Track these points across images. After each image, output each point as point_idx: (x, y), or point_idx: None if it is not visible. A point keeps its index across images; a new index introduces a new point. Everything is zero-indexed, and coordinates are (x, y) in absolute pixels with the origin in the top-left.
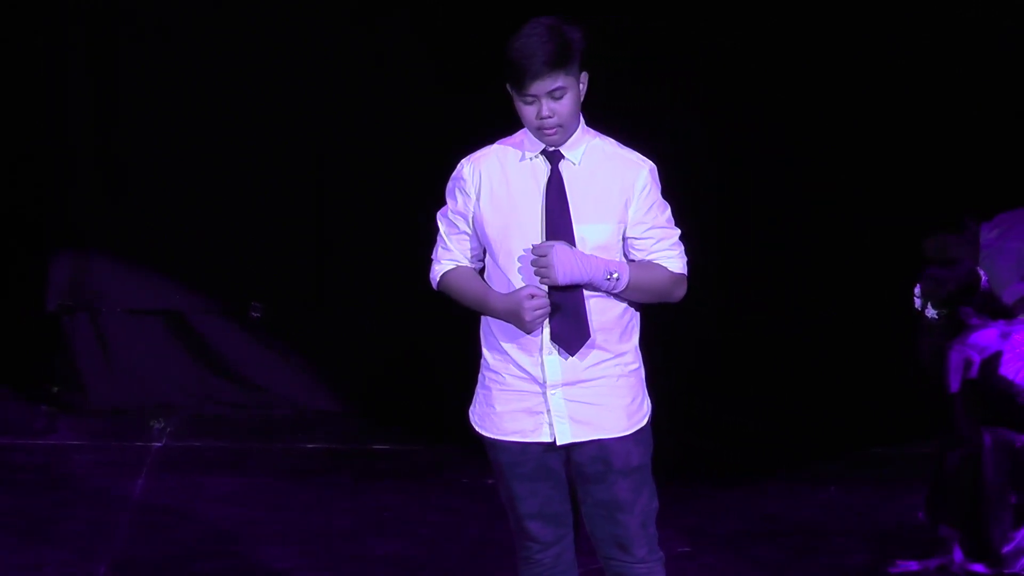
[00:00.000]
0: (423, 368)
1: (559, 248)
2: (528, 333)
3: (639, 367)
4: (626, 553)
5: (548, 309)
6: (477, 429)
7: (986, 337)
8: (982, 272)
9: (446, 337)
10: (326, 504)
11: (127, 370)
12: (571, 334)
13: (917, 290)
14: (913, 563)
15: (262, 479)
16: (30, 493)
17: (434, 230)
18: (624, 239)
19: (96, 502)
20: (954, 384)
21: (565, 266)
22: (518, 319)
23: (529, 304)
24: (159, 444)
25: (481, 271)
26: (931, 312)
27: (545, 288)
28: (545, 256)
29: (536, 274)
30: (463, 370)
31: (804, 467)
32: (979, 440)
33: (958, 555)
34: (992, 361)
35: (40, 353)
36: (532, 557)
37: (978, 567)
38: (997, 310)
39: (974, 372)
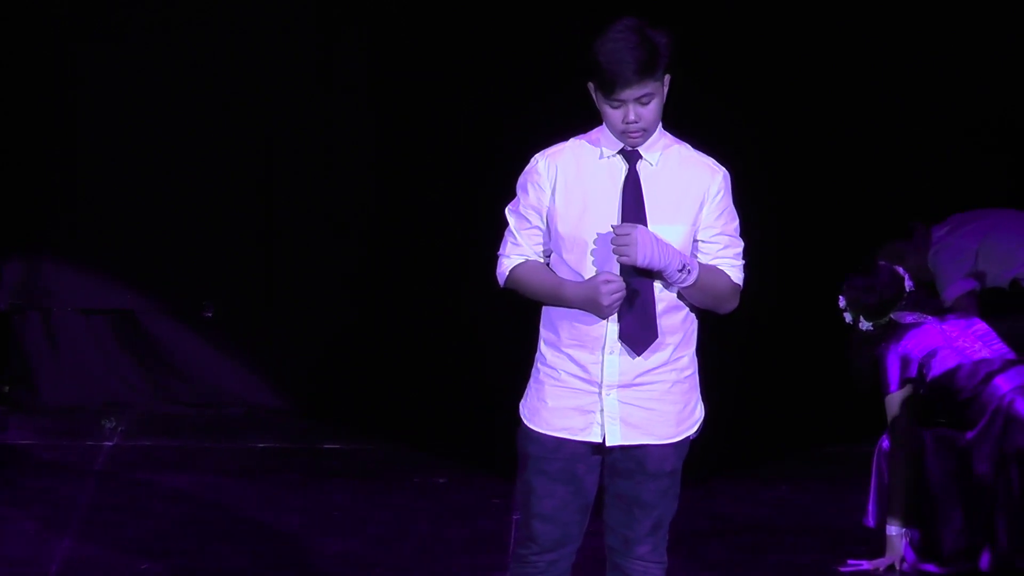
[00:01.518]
0: (374, 367)
1: (643, 229)
2: (604, 318)
3: (694, 372)
4: (629, 548)
5: (624, 293)
6: (525, 422)
7: (923, 335)
8: (903, 271)
9: (397, 336)
10: (276, 503)
11: (78, 369)
12: (640, 334)
13: (842, 302)
14: (864, 562)
15: (213, 478)
16: None
17: (502, 225)
18: (694, 242)
19: (47, 501)
20: (893, 384)
21: (646, 248)
22: (595, 304)
23: (606, 288)
24: (110, 443)
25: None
26: (865, 325)
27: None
28: (628, 235)
29: (615, 252)
30: (416, 370)
31: (755, 466)
32: (920, 440)
33: (909, 555)
34: (930, 359)
35: None
36: (528, 557)
37: (929, 567)
38: (932, 307)
39: (912, 371)
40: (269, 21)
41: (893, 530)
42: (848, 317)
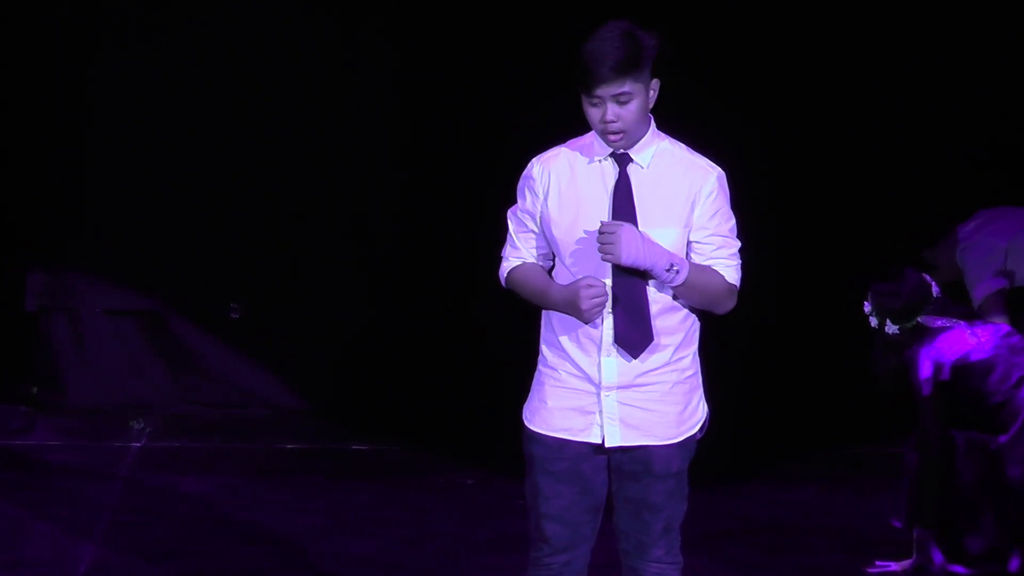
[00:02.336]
0: (398, 369)
1: (628, 227)
2: (586, 323)
3: (696, 373)
4: (643, 551)
5: (605, 299)
6: (526, 424)
7: (954, 339)
8: (930, 279)
9: (424, 339)
10: (301, 504)
11: (105, 370)
12: (635, 336)
13: (867, 308)
14: (892, 564)
15: (238, 479)
16: (8, 493)
17: (504, 228)
18: (688, 243)
19: (74, 502)
20: (926, 388)
21: (630, 246)
22: (576, 309)
23: (586, 292)
24: (138, 444)
25: (550, 271)
26: (891, 328)
27: (606, 282)
28: (613, 233)
29: (600, 251)
30: (440, 372)
31: (781, 467)
32: (951, 443)
33: (937, 557)
34: (962, 363)
35: (19, 353)
36: (542, 559)
37: (957, 568)
38: (959, 312)
39: (945, 375)
40: (290, 22)
41: (922, 532)
42: (873, 321)
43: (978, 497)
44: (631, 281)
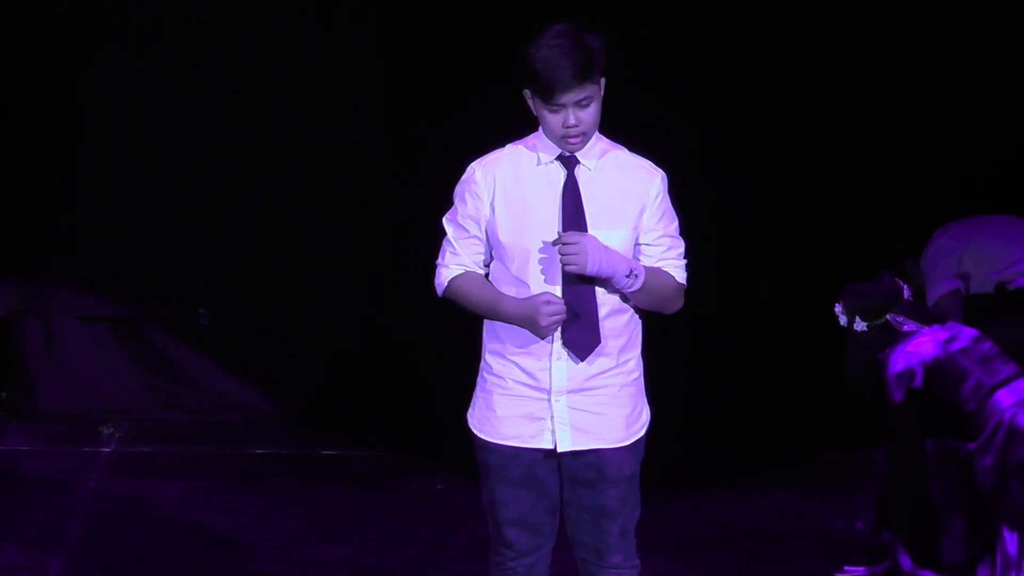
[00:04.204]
0: (373, 373)
1: (591, 238)
2: (542, 339)
3: (640, 375)
4: (601, 559)
5: (564, 315)
6: (475, 432)
7: (924, 344)
8: (902, 283)
9: (396, 342)
10: (276, 509)
11: (77, 376)
12: (583, 340)
13: (838, 308)
14: (862, 568)
15: (212, 484)
16: None
17: (440, 234)
18: (636, 245)
19: (46, 507)
20: (897, 394)
21: (596, 255)
22: (533, 324)
23: (547, 309)
24: (108, 449)
25: (486, 276)
26: (860, 325)
27: (559, 283)
28: (577, 244)
29: (563, 261)
30: (413, 375)
31: (754, 472)
32: (922, 450)
33: (906, 562)
34: (933, 369)
35: None
36: (506, 564)
37: (926, 573)
38: (927, 316)
39: (918, 382)
40: (273, 23)
41: (890, 536)
42: (843, 320)
43: (948, 504)
44: (582, 287)
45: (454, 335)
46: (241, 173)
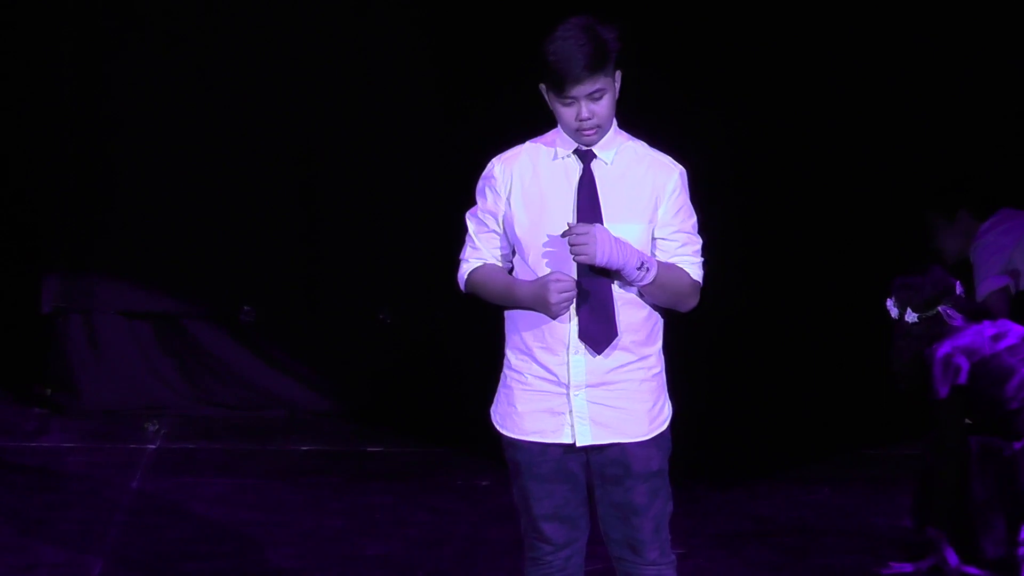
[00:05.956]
0: (415, 369)
1: (601, 228)
2: (554, 318)
3: (661, 371)
4: (637, 555)
5: (574, 293)
6: (498, 428)
7: (971, 339)
8: (954, 279)
9: (439, 338)
10: (318, 505)
11: (120, 372)
12: (599, 332)
13: (889, 303)
14: (907, 565)
15: (254, 480)
16: (23, 495)
17: (463, 230)
18: (652, 240)
19: (89, 503)
20: (942, 390)
21: (605, 246)
22: (544, 303)
23: (555, 286)
24: (153, 446)
25: (510, 272)
26: (911, 316)
27: (573, 276)
28: (586, 234)
29: (572, 252)
30: (456, 371)
31: (796, 468)
32: (966, 447)
33: (952, 558)
34: (981, 367)
35: (33, 355)
36: (543, 558)
37: (972, 570)
38: (976, 311)
39: (963, 378)
40: (307, 21)
41: (935, 533)
42: (894, 312)
43: (991, 502)
44: (597, 279)
45: (497, 330)
46: (286, 170)
